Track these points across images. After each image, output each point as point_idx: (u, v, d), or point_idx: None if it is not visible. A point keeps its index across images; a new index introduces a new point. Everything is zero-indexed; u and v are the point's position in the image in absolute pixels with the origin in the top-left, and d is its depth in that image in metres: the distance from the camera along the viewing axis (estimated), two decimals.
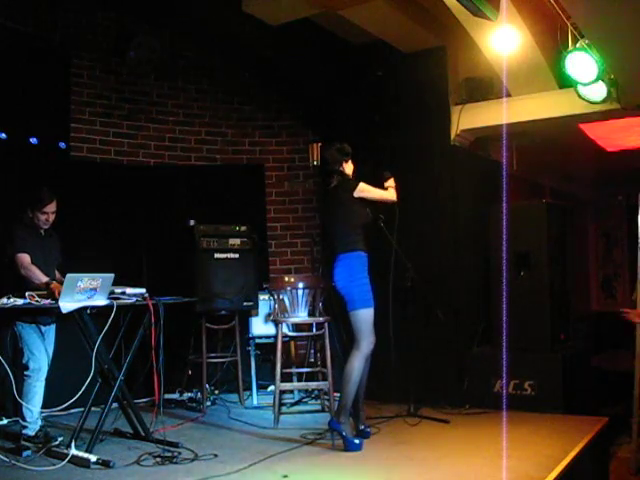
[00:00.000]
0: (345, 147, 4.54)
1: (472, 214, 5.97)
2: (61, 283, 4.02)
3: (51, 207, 4.47)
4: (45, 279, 4.26)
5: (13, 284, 4.21)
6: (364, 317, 4.27)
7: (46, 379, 4.43)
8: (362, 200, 4.43)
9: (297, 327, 5.63)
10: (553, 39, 4.82)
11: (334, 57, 6.23)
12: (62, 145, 5.81)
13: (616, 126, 6.32)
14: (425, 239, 5.76)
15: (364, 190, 4.41)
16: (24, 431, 4.28)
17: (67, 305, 3.93)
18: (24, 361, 4.33)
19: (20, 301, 3.87)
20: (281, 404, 5.28)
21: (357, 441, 4.25)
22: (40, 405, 4.35)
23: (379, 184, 4.57)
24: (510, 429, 4.50)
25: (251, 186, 6.84)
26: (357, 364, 4.27)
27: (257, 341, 6.07)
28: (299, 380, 5.84)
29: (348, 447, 4.22)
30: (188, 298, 4.85)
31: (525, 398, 5.29)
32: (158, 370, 4.18)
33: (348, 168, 4.54)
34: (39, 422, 4.34)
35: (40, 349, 4.38)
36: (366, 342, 4.27)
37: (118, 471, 3.81)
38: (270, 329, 5.91)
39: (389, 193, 4.55)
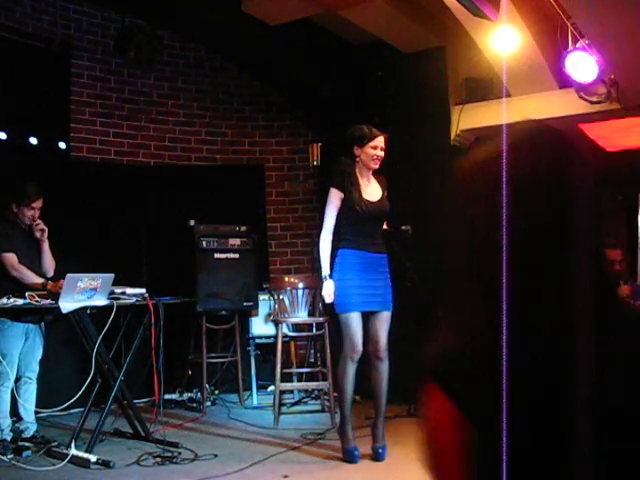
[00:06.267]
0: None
1: None
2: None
3: (38, 203, 4.34)
4: (39, 280, 4.23)
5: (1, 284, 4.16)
6: (341, 321, 4.08)
7: (46, 379, 4.43)
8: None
9: (297, 327, 5.63)
10: (553, 39, 4.82)
11: (334, 57, 6.22)
12: (62, 145, 5.81)
13: (616, 126, 6.31)
14: (425, 239, 5.75)
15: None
16: None
17: (67, 305, 3.92)
18: None
19: (20, 301, 3.87)
20: (281, 404, 5.27)
21: (351, 451, 4.01)
22: (8, 412, 4.17)
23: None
24: None
25: (251, 186, 6.82)
26: (341, 366, 4.08)
27: (257, 341, 6.06)
28: (299, 380, 5.84)
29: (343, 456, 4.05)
30: (188, 298, 4.85)
31: None
32: (158, 370, 4.18)
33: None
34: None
35: (15, 351, 4.20)
36: (347, 345, 4.05)
37: (118, 471, 3.81)
38: (270, 329, 5.91)
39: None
